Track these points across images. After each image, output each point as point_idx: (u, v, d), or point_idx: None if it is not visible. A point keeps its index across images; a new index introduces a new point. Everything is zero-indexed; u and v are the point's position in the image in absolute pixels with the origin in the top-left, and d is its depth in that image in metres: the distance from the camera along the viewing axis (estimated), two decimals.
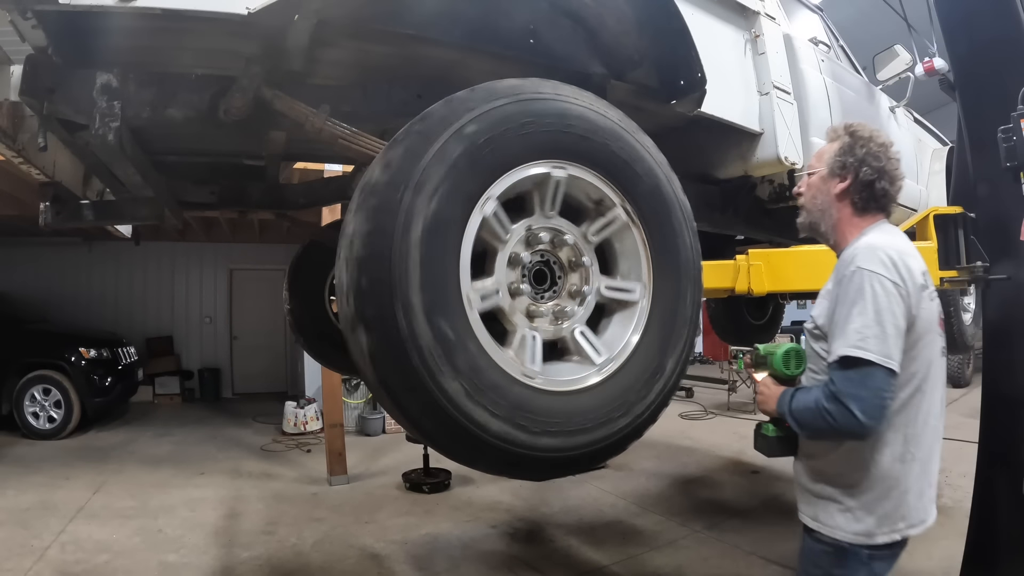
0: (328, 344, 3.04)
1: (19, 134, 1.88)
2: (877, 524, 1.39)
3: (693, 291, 1.50)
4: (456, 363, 1.15)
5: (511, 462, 1.24)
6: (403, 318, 1.11)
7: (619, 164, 1.42)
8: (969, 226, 2.37)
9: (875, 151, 1.47)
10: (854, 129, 1.51)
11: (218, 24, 1.36)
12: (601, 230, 1.44)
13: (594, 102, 1.44)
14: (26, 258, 8.65)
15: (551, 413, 1.25)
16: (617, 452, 1.40)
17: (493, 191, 1.26)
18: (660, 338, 1.44)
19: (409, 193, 1.16)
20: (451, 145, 1.21)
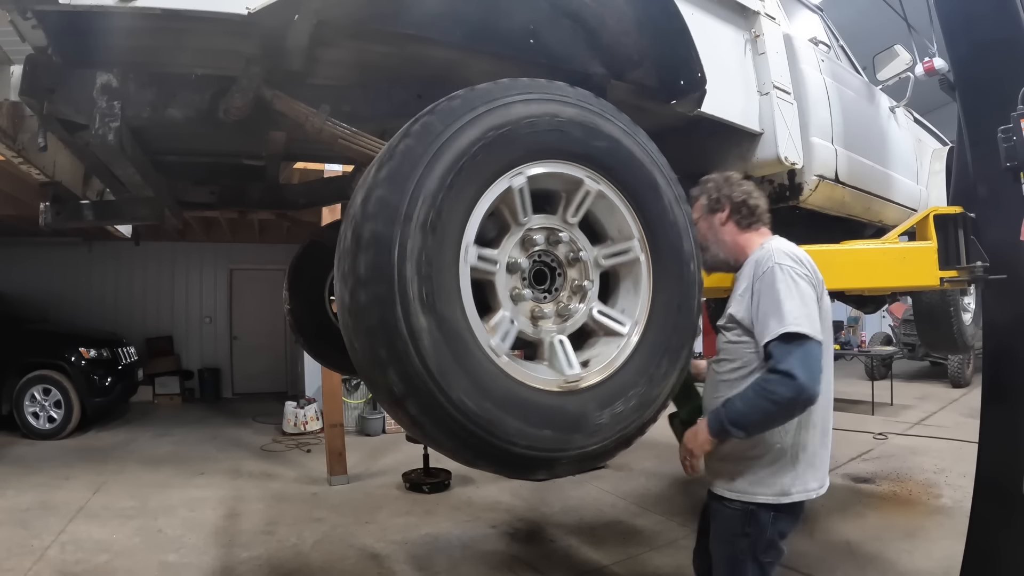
0: (328, 344, 3.04)
1: (19, 134, 1.88)
2: (786, 486, 1.64)
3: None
4: (503, 403, 1.20)
5: (600, 455, 1.35)
6: (459, 414, 1.15)
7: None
8: (969, 226, 2.36)
9: (730, 182, 1.80)
10: (707, 179, 1.84)
11: (218, 24, 1.35)
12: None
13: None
14: (26, 258, 8.65)
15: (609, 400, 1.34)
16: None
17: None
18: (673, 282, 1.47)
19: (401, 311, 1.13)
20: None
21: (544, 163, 1.32)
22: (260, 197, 2.64)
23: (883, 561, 3.32)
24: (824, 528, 3.86)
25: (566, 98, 1.37)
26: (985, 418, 2.35)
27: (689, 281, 1.48)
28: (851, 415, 7.54)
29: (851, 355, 9.03)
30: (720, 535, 1.75)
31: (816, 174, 2.32)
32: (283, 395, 8.27)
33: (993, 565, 2.23)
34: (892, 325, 10.53)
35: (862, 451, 5.76)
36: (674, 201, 1.48)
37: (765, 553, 1.66)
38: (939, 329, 3.80)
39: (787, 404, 1.49)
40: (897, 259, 2.39)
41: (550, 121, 1.32)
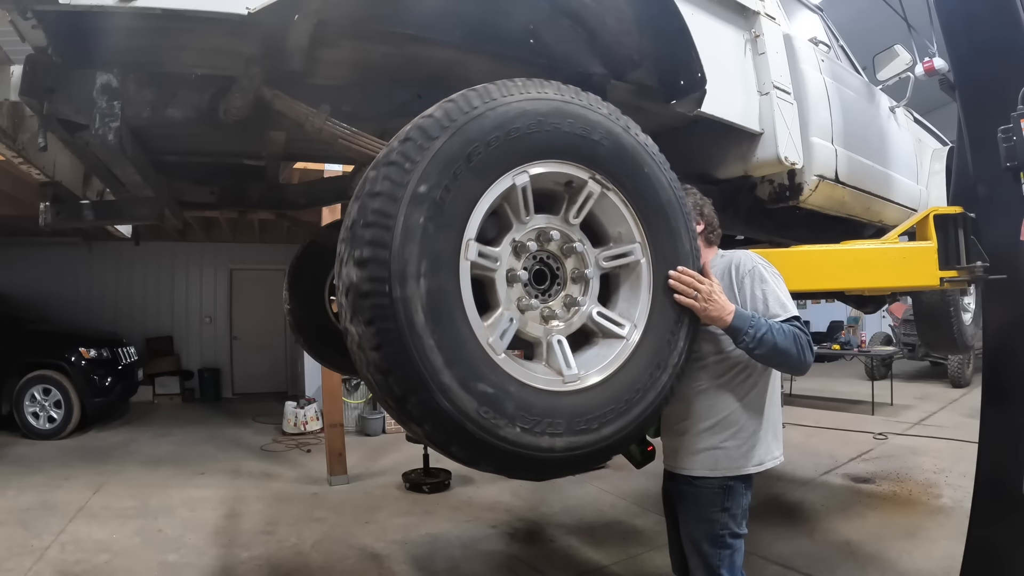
0: (328, 344, 3.04)
1: (19, 134, 1.88)
2: (761, 456, 1.82)
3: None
4: (507, 412, 1.20)
5: (585, 461, 1.34)
6: (445, 401, 1.15)
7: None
8: (969, 226, 2.36)
9: (705, 200, 1.94)
10: (693, 189, 1.93)
11: (218, 24, 1.36)
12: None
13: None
14: (26, 258, 8.65)
15: (603, 405, 1.34)
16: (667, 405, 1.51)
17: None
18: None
19: (396, 286, 1.13)
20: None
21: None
22: (260, 197, 2.63)
23: (883, 561, 3.32)
24: (824, 528, 3.87)
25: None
26: (985, 418, 2.35)
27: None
28: (851, 415, 7.54)
29: (851, 355, 9.02)
30: (696, 516, 1.85)
31: (816, 174, 2.32)
32: (283, 395, 8.27)
33: (993, 565, 2.23)
34: (892, 325, 10.53)
35: (862, 451, 5.76)
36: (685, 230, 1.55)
37: (740, 524, 1.83)
38: (939, 329, 3.80)
39: (800, 360, 1.66)
40: (897, 259, 2.39)
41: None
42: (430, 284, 1.15)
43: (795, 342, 1.64)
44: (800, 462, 5.30)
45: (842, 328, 10.85)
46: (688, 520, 1.88)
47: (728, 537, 1.80)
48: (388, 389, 1.16)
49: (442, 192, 1.18)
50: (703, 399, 1.84)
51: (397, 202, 1.15)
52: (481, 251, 1.26)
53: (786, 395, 8.67)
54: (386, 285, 1.12)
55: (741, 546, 1.84)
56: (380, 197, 1.16)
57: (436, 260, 1.17)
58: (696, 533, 1.84)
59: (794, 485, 4.74)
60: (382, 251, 1.13)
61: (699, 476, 1.83)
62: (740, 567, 1.83)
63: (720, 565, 1.80)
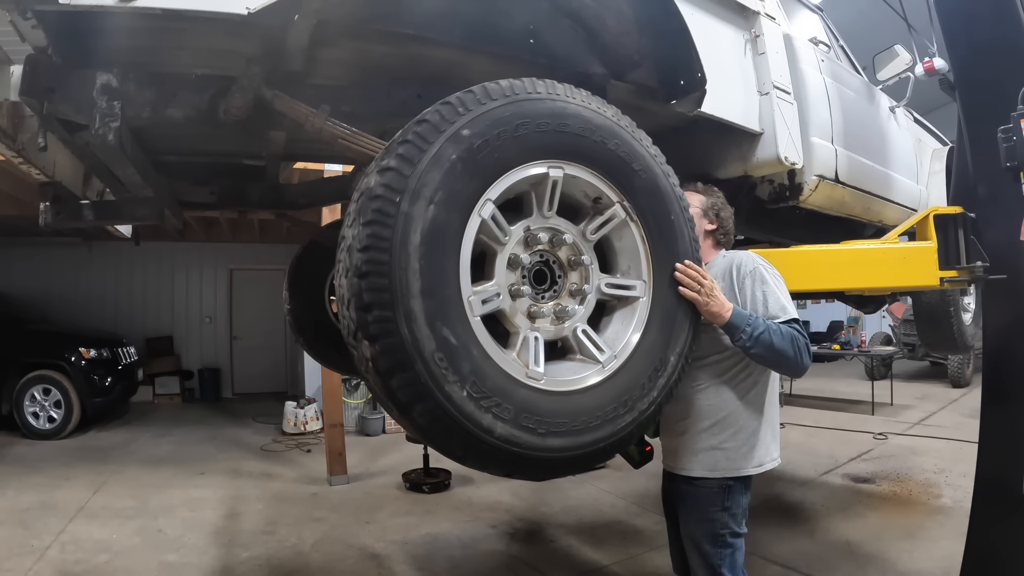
0: (328, 344, 3.04)
1: (19, 134, 1.88)
2: (761, 457, 1.84)
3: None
4: (460, 368, 1.16)
5: (519, 464, 1.25)
6: (405, 327, 1.12)
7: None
8: (969, 226, 2.36)
9: (727, 206, 1.99)
10: (719, 192, 2.00)
11: (218, 24, 1.36)
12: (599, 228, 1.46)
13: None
14: (26, 258, 8.66)
15: (556, 414, 1.27)
16: (622, 448, 1.43)
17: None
18: (661, 335, 1.46)
19: (406, 200, 1.16)
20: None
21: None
22: (260, 197, 2.63)
23: (883, 561, 3.32)
24: (824, 528, 3.87)
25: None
26: (985, 418, 2.34)
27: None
28: (851, 415, 7.54)
29: (851, 355, 9.02)
30: (697, 516, 1.86)
31: (816, 174, 2.31)
32: (283, 395, 8.27)
33: (993, 565, 2.23)
34: (892, 325, 10.53)
35: (862, 451, 5.76)
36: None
37: (741, 524, 1.84)
38: (939, 329, 3.80)
39: (797, 361, 1.67)
40: (897, 259, 2.39)
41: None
42: (436, 213, 1.18)
43: (792, 344, 1.66)
44: (800, 462, 5.30)
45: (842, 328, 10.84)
46: (689, 520, 1.89)
47: (729, 536, 1.82)
48: (359, 297, 1.15)
49: (481, 142, 1.24)
50: (702, 399, 1.85)
51: (440, 133, 1.22)
52: (495, 215, 1.28)
53: (786, 395, 8.68)
54: (397, 196, 1.16)
55: (742, 545, 1.85)
56: (425, 124, 1.23)
57: (451, 195, 1.20)
58: (697, 533, 1.85)
59: (794, 485, 4.74)
60: (406, 166, 1.18)
61: (699, 476, 1.85)
62: (741, 566, 1.84)
63: (721, 564, 1.80)
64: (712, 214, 1.96)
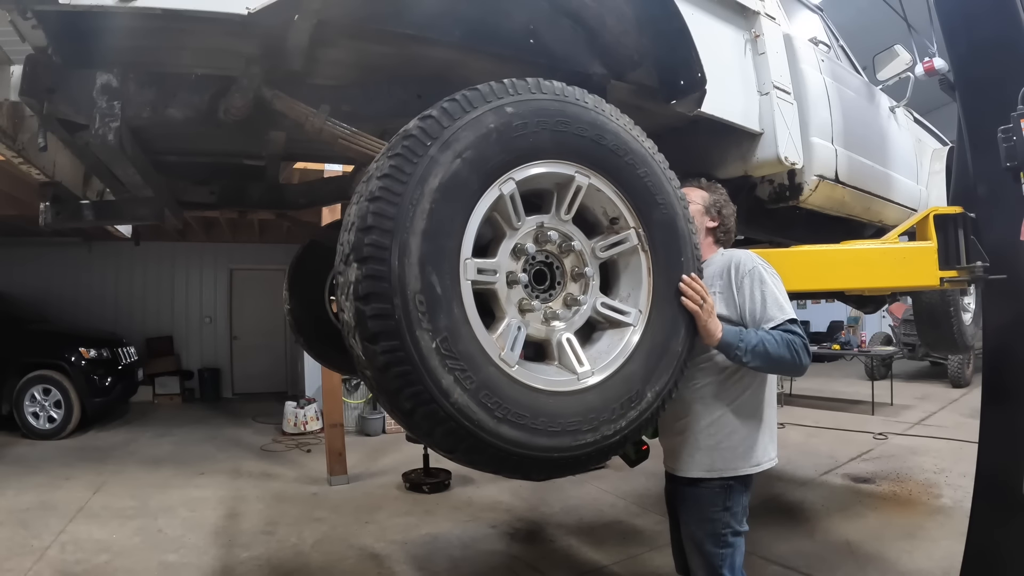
0: (328, 344, 3.04)
1: (19, 134, 1.88)
2: (759, 457, 1.85)
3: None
4: (437, 320, 1.15)
5: (465, 441, 1.20)
6: (396, 258, 1.12)
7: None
8: (969, 226, 2.36)
9: (730, 204, 1.99)
10: (722, 189, 2.01)
11: (218, 24, 1.36)
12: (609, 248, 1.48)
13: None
14: (26, 258, 8.65)
15: (518, 404, 1.24)
16: (576, 468, 1.38)
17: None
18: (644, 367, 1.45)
19: (436, 146, 1.20)
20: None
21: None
22: (260, 197, 2.63)
23: (883, 561, 3.32)
24: (824, 528, 3.87)
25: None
26: (985, 418, 2.34)
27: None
28: (851, 415, 7.54)
29: (851, 355, 9.02)
30: (698, 516, 1.86)
31: (816, 174, 2.31)
32: (283, 395, 8.27)
33: (993, 565, 2.23)
34: (892, 325, 10.53)
35: (862, 451, 5.76)
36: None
37: (741, 522, 1.85)
38: (939, 329, 3.80)
39: (795, 363, 1.67)
40: (897, 259, 2.39)
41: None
42: (460, 167, 1.23)
43: (789, 348, 1.66)
44: (800, 462, 5.30)
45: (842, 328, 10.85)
46: (690, 520, 1.89)
47: (730, 536, 1.82)
48: (363, 219, 1.16)
49: (520, 123, 1.30)
50: (701, 399, 1.85)
51: (485, 103, 1.27)
52: (514, 196, 1.31)
53: (786, 395, 8.68)
54: (429, 141, 1.20)
55: (742, 544, 1.86)
56: (475, 91, 1.28)
57: (479, 158, 1.25)
58: (698, 533, 1.85)
59: (794, 485, 4.74)
60: (445, 118, 1.21)
61: (699, 477, 1.85)
62: (740, 567, 1.84)
63: (722, 565, 1.81)
64: (714, 211, 1.96)
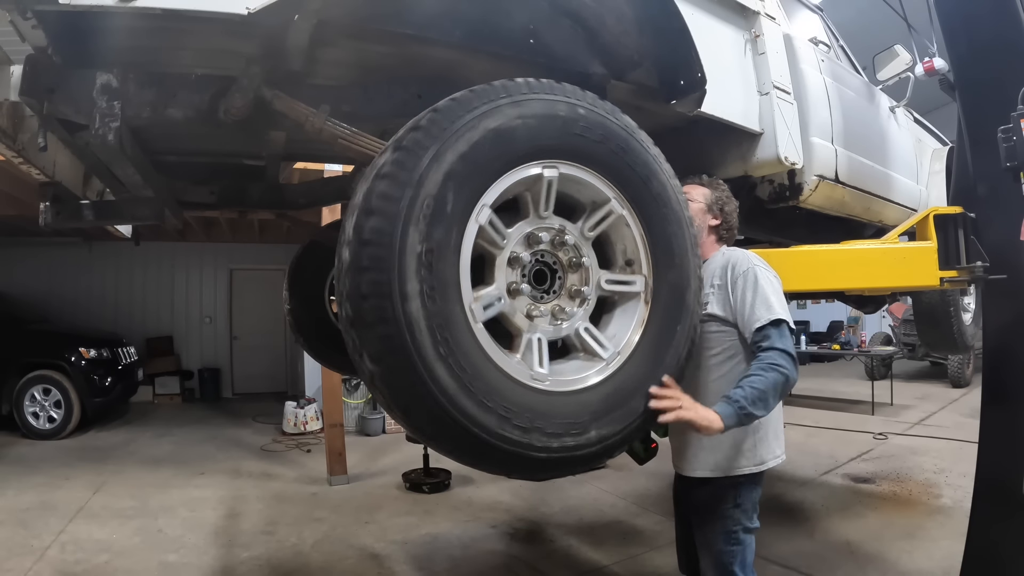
0: (328, 344, 3.04)
1: (19, 134, 1.88)
2: (763, 453, 1.85)
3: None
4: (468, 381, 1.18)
5: (533, 466, 1.27)
6: (409, 339, 1.13)
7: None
8: (969, 226, 2.36)
9: (732, 201, 1.99)
10: (724, 186, 2.01)
11: (218, 24, 1.36)
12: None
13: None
14: (26, 258, 8.65)
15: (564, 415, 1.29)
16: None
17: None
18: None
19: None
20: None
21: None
22: (260, 197, 2.63)
23: (883, 561, 3.32)
24: (824, 528, 3.87)
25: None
26: (985, 418, 2.34)
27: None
28: (851, 415, 7.54)
29: (851, 355, 9.02)
30: (710, 514, 1.87)
31: (816, 174, 2.31)
32: (283, 395, 8.27)
33: (993, 565, 2.23)
34: (892, 325, 10.52)
35: (862, 451, 5.76)
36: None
37: (752, 519, 1.86)
38: (939, 329, 3.80)
39: (790, 375, 1.65)
40: (897, 259, 2.39)
41: None
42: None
43: (780, 374, 1.62)
44: (800, 462, 5.30)
45: (842, 328, 10.85)
46: (702, 519, 1.89)
47: (742, 532, 1.83)
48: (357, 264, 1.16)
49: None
50: (707, 397, 1.83)
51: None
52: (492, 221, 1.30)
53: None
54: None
55: (752, 542, 1.86)
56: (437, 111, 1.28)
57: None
58: (710, 532, 1.86)
59: (794, 485, 4.74)
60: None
61: (710, 476, 1.86)
62: (751, 565, 1.85)
63: (733, 562, 1.81)
64: (716, 209, 1.95)
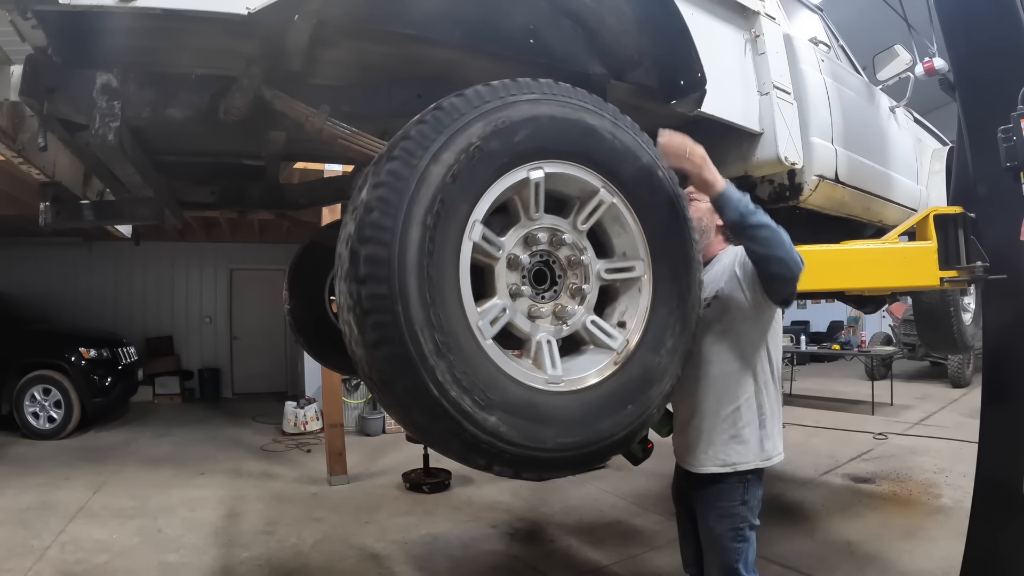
0: (328, 344, 3.04)
1: (19, 134, 1.88)
2: (769, 449, 1.87)
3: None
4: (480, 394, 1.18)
5: (555, 467, 1.30)
6: (423, 369, 1.12)
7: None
8: (969, 226, 2.36)
9: None
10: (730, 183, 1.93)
11: (218, 24, 1.36)
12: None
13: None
14: (26, 258, 8.65)
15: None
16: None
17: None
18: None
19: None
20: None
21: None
22: (260, 197, 2.63)
23: (883, 561, 3.32)
24: (824, 528, 3.87)
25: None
26: (985, 418, 2.35)
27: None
28: (851, 415, 7.54)
29: (851, 355, 9.02)
30: (718, 511, 1.87)
31: (816, 174, 2.31)
32: (283, 395, 8.27)
33: (993, 565, 2.23)
34: (892, 325, 10.53)
35: (862, 451, 5.76)
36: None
37: (756, 516, 1.88)
38: (939, 329, 3.80)
39: (787, 249, 1.64)
40: (897, 259, 2.39)
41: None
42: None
43: (788, 244, 1.63)
44: (800, 462, 5.30)
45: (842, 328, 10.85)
46: (708, 516, 1.89)
47: (747, 530, 1.85)
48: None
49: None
50: (715, 393, 1.86)
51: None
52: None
53: (786, 395, 8.67)
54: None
55: (755, 540, 1.87)
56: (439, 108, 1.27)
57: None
58: (717, 528, 1.86)
59: (794, 485, 4.74)
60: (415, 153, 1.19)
61: (717, 472, 1.86)
62: (753, 563, 1.86)
63: (737, 560, 1.82)
64: None
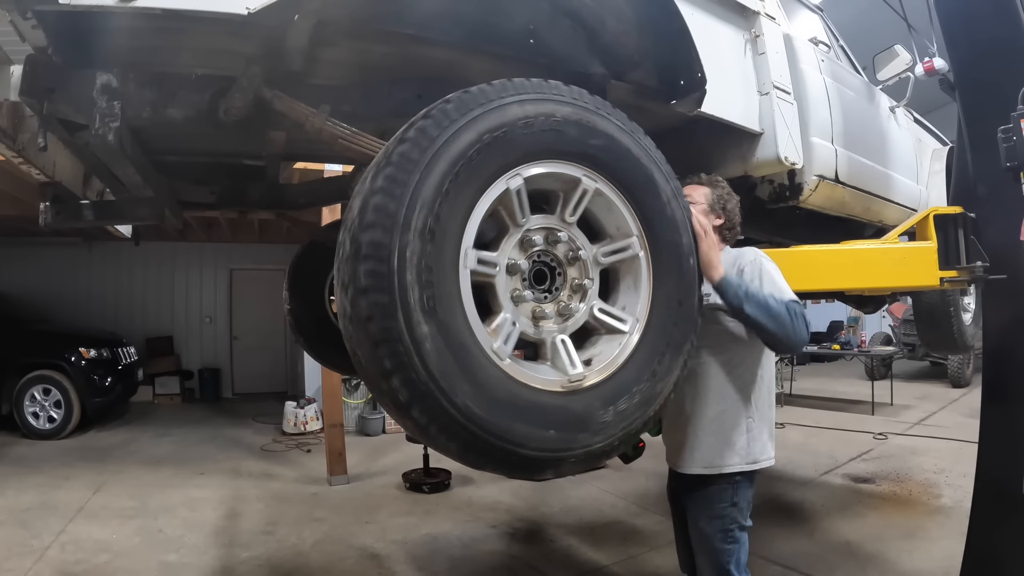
0: (328, 344, 3.03)
1: (19, 134, 1.88)
2: (759, 452, 1.88)
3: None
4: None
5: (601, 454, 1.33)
6: (450, 405, 1.14)
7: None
8: (969, 226, 2.36)
9: (734, 199, 1.98)
10: (724, 183, 1.99)
11: (218, 24, 1.36)
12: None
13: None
14: (26, 258, 8.65)
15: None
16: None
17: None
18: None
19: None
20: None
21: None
22: (260, 197, 2.63)
23: (883, 561, 3.32)
24: (824, 528, 3.87)
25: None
26: (985, 418, 2.35)
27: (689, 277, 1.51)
28: (851, 415, 7.54)
29: (851, 355, 9.02)
30: (707, 513, 1.88)
31: (816, 174, 2.31)
32: (283, 395, 8.27)
33: (993, 565, 2.23)
34: (892, 325, 10.52)
35: (862, 451, 5.76)
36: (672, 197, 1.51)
37: (746, 518, 1.89)
38: (939, 329, 3.80)
39: (792, 327, 1.64)
40: (897, 259, 2.39)
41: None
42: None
43: (787, 310, 1.65)
44: (800, 462, 5.31)
45: (842, 328, 10.84)
46: (698, 517, 1.91)
47: (737, 531, 1.86)
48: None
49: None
50: (704, 394, 1.87)
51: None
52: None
53: (786, 395, 8.68)
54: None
55: (746, 541, 1.88)
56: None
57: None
58: (707, 530, 1.87)
59: (794, 485, 4.74)
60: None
61: (706, 473, 1.88)
62: (745, 564, 1.86)
63: (729, 561, 1.83)
64: (719, 208, 1.94)
